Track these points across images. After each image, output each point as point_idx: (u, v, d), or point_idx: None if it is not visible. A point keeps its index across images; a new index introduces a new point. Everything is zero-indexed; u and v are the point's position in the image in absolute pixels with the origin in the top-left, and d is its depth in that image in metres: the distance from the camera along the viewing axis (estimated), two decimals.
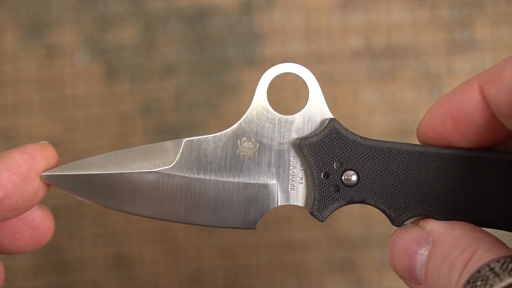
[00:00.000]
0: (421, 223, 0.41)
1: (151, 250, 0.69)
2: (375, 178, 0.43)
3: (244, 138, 0.44)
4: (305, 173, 0.44)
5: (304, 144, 0.43)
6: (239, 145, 0.44)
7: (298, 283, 0.69)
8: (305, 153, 0.43)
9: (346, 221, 0.69)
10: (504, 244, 0.38)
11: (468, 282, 0.36)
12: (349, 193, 0.43)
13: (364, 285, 0.69)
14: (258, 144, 0.44)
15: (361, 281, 0.69)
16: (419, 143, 0.45)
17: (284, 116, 0.45)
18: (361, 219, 0.69)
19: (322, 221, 0.43)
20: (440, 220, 0.42)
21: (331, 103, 0.71)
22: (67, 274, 0.70)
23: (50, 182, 0.43)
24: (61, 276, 0.70)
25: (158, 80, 0.71)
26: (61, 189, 0.44)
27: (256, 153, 0.44)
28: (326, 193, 0.43)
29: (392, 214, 0.43)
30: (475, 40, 0.71)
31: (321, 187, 0.43)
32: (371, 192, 0.43)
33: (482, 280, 0.36)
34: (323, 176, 0.43)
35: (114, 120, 0.70)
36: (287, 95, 0.71)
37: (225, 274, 0.69)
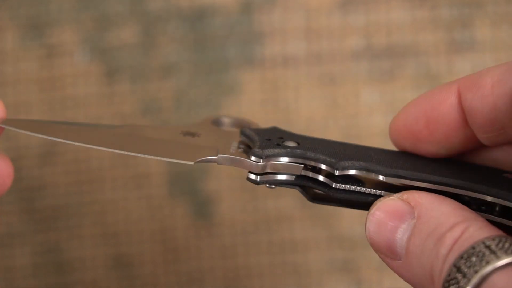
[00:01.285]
0: (405, 196, 0.40)
1: (151, 250, 0.69)
2: (313, 145, 0.43)
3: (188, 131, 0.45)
4: (247, 148, 0.44)
5: (248, 129, 0.45)
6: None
7: (298, 283, 0.69)
8: (248, 133, 0.44)
9: (347, 221, 0.69)
10: (494, 226, 0.38)
11: (461, 257, 0.36)
12: (289, 150, 0.43)
13: (364, 286, 0.69)
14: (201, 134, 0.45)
15: (362, 281, 0.69)
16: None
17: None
18: (362, 219, 0.69)
19: (258, 178, 0.43)
20: (380, 174, 0.42)
21: (331, 103, 0.71)
22: (67, 274, 0.70)
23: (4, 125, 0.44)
24: (61, 276, 0.70)
25: (158, 80, 0.71)
26: (11, 128, 0.44)
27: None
28: (267, 144, 0.43)
29: (332, 160, 0.42)
30: (475, 40, 0.71)
31: (262, 141, 0.43)
32: (311, 149, 0.43)
33: (477, 256, 0.36)
34: (266, 139, 0.44)
35: (114, 120, 0.70)
36: (287, 94, 0.71)
37: (225, 274, 0.69)
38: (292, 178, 0.43)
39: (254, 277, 0.69)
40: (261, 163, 0.42)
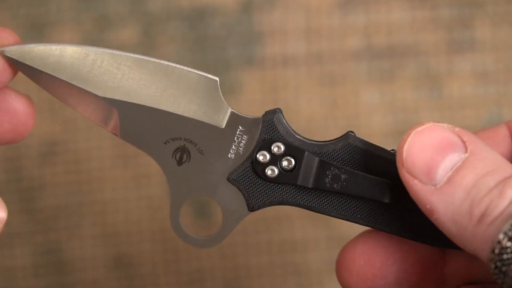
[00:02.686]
0: (457, 129, 0.39)
1: (151, 250, 0.69)
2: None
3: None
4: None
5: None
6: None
7: (298, 283, 0.69)
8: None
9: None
10: None
11: None
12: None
13: None
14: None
15: None
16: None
17: None
18: None
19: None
20: None
21: (331, 103, 0.71)
22: (67, 274, 0.70)
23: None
24: (61, 276, 0.70)
25: None
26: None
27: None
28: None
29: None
30: (475, 40, 0.71)
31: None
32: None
33: None
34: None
35: None
36: (287, 95, 0.71)
37: (225, 274, 0.69)
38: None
39: (254, 277, 0.69)
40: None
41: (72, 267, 0.70)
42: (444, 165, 0.38)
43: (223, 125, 0.43)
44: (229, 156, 0.43)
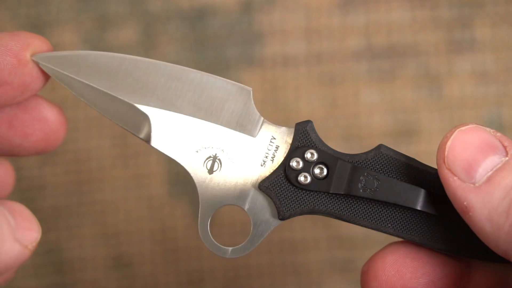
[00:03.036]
0: (499, 134, 0.40)
1: (151, 250, 0.69)
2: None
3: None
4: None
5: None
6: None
7: (298, 283, 0.69)
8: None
9: None
10: None
11: None
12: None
13: None
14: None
15: None
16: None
17: None
18: None
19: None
20: None
21: (331, 103, 0.71)
22: (67, 274, 0.70)
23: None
24: (61, 276, 0.70)
25: None
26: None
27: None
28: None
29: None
30: (475, 40, 0.71)
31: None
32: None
33: None
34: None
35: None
36: (287, 95, 0.71)
37: (225, 274, 0.69)
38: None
39: (254, 277, 0.69)
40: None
41: (72, 267, 0.70)
42: (485, 165, 0.39)
43: (255, 135, 0.44)
44: (260, 165, 0.44)
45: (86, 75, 0.43)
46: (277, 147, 0.44)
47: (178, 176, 0.70)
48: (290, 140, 0.43)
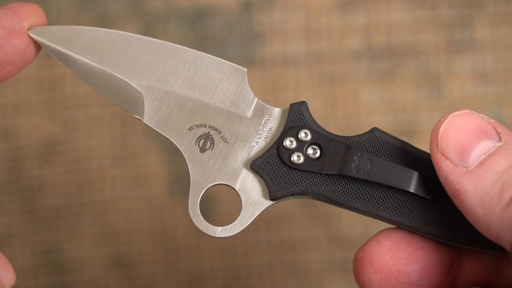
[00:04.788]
0: (493, 121, 0.40)
1: (151, 250, 0.69)
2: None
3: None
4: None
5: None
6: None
7: (298, 283, 0.69)
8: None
9: (347, 221, 0.69)
10: None
11: None
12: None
13: None
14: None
15: None
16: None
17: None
18: (362, 218, 0.69)
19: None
20: None
21: (331, 103, 0.71)
22: (67, 274, 0.70)
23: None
24: (61, 276, 0.70)
25: None
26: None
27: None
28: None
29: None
30: (475, 40, 0.71)
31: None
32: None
33: None
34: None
35: (114, 120, 0.70)
36: (287, 95, 0.71)
37: (225, 274, 0.69)
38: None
39: (254, 277, 0.69)
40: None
41: (72, 267, 0.70)
42: (478, 149, 0.39)
43: (249, 115, 0.43)
44: (253, 144, 0.43)
45: (81, 51, 0.43)
46: (270, 127, 0.43)
47: (178, 176, 0.70)
48: (284, 121, 0.43)
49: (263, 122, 0.43)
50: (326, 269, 0.69)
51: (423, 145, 0.72)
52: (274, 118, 0.43)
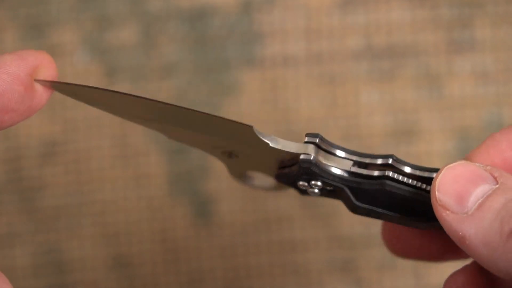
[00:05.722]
0: (489, 167, 0.40)
1: (151, 250, 0.69)
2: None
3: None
4: None
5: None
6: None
7: (298, 283, 0.69)
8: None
9: (347, 221, 0.69)
10: None
11: None
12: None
13: (364, 286, 0.69)
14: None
15: (362, 281, 0.69)
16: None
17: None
18: (362, 218, 0.69)
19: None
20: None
21: (331, 103, 0.71)
22: (67, 274, 0.70)
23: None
24: (61, 276, 0.70)
25: (158, 80, 0.71)
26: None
27: None
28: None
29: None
30: (475, 40, 0.71)
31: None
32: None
33: None
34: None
35: (114, 120, 0.70)
36: (287, 95, 0.71)
37: (225, 274, 0.69)
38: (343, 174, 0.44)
39: (254, 277, 0.69)
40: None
41: (72, 267, 0.70)
42: (475, 194, 0.39)
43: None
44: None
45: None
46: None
47: (178, 177, 0.70)
48: (296, 169, 0.44)
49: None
50: (326, 269, 0.69)
51: (423, 145, 0.72)
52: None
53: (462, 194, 0.39)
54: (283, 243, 0.70)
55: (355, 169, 0.43)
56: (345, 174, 0.43)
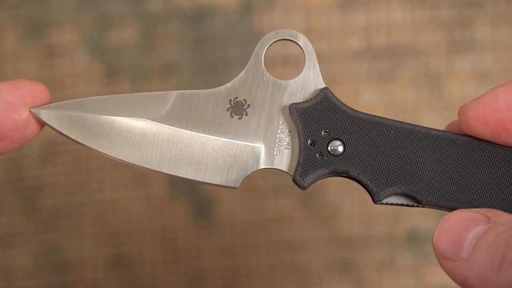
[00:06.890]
0: (484, 210, 0.41)
1: (151, 250, 0.70)
2: (361, 151, 0.43)
3: (236, 97, 0.44)
4: (292, 139, 0.43)
5: (295, 109, 0.44)
6: (230, 103, 0.44)
7: (298, 283, 0.69)
8: (294, 118, 0.43)
9: (347, 220, 0.69)
10: None
11: None
12: (334, 162, 0.43)
13: (364, 285, 0.69)
14: (249, 104, 0.44)
15: (362, 281, 0.69)
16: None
17: (278, 80, 0.45)
18: (362, 218, 0.69)
19: (303, 188, 0.43)
20: (420, 203, 0.43)
21: None
22: (67, 274, 0.70)
23: (40, 117, 0.43)
24: (61, 276, 0.70)
25: (158, 80, 0.71)
26: (50, 127, 0.43)
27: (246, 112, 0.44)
28: (311, 160, 0.43)
29: (374, 188, 0.43)
30: (475, 40, 0.71)
31: (306, 153, 0.43)
32: (356, 164, 0.43)
33: None
34: (310, 143, 0.43)
35: None
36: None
37: (225, 274, 0.70)
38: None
39: (254, 277, 0.69)
40: (305, 184, 0.43)
41: (72, 267, 0.70)
42: (469, 238, 0.40)
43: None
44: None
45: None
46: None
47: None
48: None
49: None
50: (326, 269, 0.69)
51: None
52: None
53: (457, 240, 0.40)
54: (283, 243, 0.70)
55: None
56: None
